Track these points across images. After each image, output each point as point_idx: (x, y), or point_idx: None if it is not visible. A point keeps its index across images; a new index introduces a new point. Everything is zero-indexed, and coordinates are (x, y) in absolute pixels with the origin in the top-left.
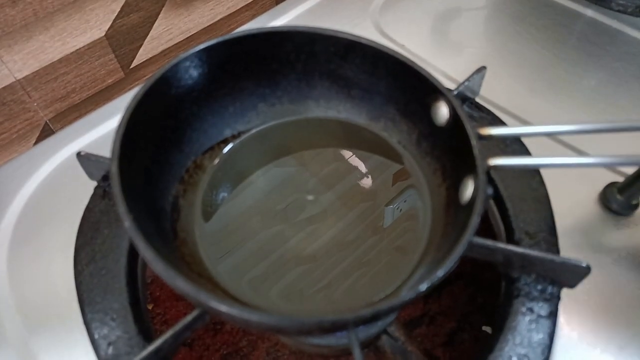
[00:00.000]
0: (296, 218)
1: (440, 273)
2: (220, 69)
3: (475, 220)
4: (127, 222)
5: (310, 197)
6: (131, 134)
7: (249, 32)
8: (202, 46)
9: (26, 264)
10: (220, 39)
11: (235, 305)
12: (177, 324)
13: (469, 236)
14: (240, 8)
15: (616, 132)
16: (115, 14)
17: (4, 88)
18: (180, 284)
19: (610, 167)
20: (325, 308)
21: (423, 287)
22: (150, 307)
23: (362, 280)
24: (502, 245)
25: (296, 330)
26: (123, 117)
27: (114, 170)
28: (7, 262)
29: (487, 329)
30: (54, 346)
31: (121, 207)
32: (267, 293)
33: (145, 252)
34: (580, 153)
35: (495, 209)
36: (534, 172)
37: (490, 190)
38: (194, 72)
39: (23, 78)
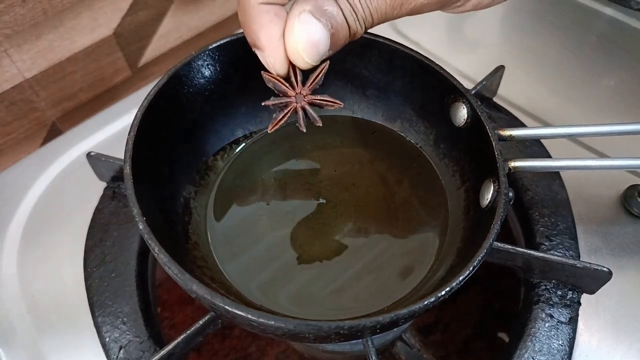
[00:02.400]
0: (308, 220)
1: (461, 278)
2: (232, 67)
3: (497, 225)
4: (142, 224)
5: (322, 199)
6: (143, 134)
7: None
8: (214, 44)
9: (36, 265)
10: (233, 36)
11: (251, 309)
12: (189, 328)
13: (491, 241)
14: None
15: (639, 134)
16: (124, 12)
17: (13, 88)
18: (196, 287)
19: (633, 169)
20: (338, 314)
21: (443, 292)
22: (158, 310)
23: (375, 285)
24: (522, 250)
25: (313, 336)
26: (135, 117)
27: (128, 171)
28: (17, 263)
29: (503, 335)
30: (64, 348)
31: (135, 209)
32: (279, 297)
33: (160, 254)
34: (599, 154)
35: (513, 212)
36: (554, 175)
37: (511, 194)
38: (206, 71)
39: (32, 77)
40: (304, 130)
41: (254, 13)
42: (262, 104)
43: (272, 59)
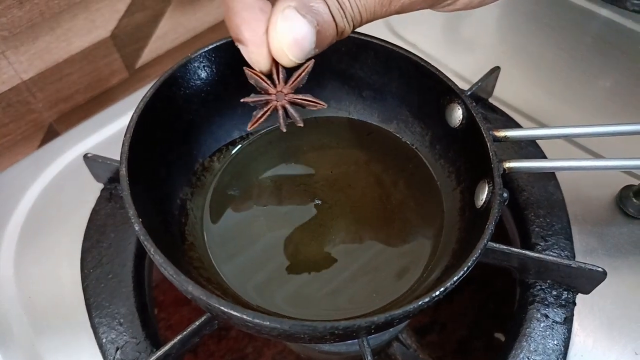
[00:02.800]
0: (304, 221)
1: (455, 278)
2: (228, 69)
3: (491, 226)
4: (138, 226)
5: (318, 200)
6: (139, 136)
7: None
8: (210, 46)
9: (33, 267)
10: (229, 38)
11: (247, 310)
12: (185, 329)
13: (485, 242)
14: None
15: (634, 135)
16: (121, 14)
17: (10, 89)
18: (192, 289)
19: (628, 170)
20: (333, 314)
21: (438, 292)
22: (154, 311)
23: (371, 286)
24: (517, 250)
25: (308, 337)
26: (131, 119)
27: (124, 172)
28: (14, 264)
29: (499, 335)
30: (61, 349)
31: (131, 211)
32: (275, 298)
33: (156, 256)
34: (594, 155)
35: (509, 213)
36: (550, 175)
37: (505, 194)
38: (203, 73)
39: (29, 79)
40: (284, 130)
41: (238, 7)
42: (241, 100)
43: (255, 55)
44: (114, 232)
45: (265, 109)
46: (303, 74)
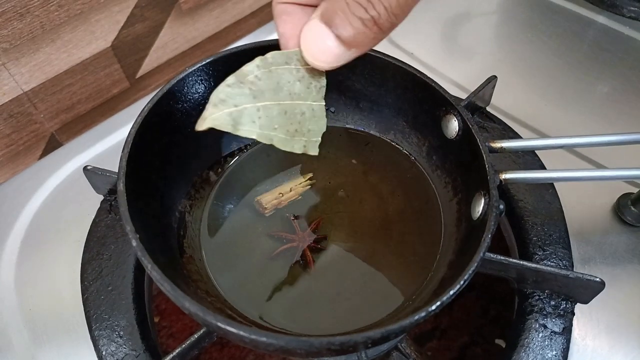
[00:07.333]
0: (303, 232)
1: (452, 292)
2: None
3: (487, 239)
4: (135, 242)
5: (317, 210)
6: (137, 150)
7: (254, 45)
8: (207, 60)
9: (33, 278)
10: (225, 52)
11: (243, 326)
12: (184, 342)
13: (481, 255)
14: (246, 16)
15: (633, 144)
16: (121, 25)
17: (11, 100)
18: (189, 304)
19: (625, 180)
20: (333, 327)
21: (434, 307)
22: (156, 320)
23: (371, 297)
24: (515, 261)
25: (305, 352)
26: (129, 135)
27: (121, 188)
28: (15, 276)
29: (500, 342)
30: None
31: (128, 227)
32: (273, 311)
33: (153, 271)
34: (593, 163)
35: (507, 222)
36: (547, 184)
37: (502, 206)
38: (200, 86)
39: (30, 90)
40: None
41: (274, 11)
42: (274, 254)
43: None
44: (114, 244)
45: (288, 245)
46: (319, 225)
